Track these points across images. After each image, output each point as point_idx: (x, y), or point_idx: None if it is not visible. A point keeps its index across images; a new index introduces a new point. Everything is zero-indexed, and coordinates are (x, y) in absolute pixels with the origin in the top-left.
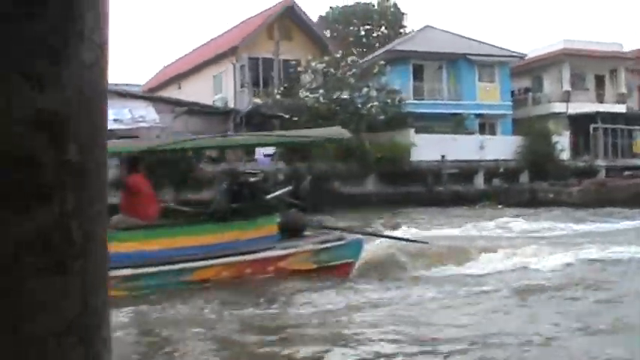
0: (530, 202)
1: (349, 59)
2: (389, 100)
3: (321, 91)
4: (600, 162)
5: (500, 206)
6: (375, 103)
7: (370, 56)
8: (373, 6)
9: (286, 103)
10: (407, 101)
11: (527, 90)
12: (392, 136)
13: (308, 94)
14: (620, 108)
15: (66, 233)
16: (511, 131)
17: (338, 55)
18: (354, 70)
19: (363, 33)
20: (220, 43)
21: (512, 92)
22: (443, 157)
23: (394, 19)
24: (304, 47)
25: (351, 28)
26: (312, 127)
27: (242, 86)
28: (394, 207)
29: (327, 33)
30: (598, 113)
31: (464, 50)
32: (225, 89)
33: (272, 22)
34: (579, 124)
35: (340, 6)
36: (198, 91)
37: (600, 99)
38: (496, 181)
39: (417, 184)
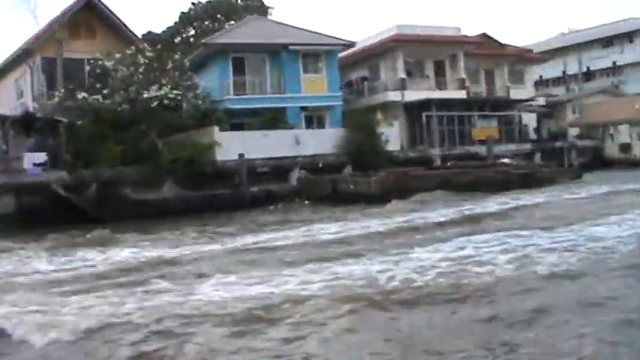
0: (332, 194)
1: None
2: (195, 97)
3: (105, 91)
4: (435, 151)
5: (307, 202)
6: (177, 98)
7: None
8: (237, 0)
9: (73, 105)
10: (226, 97)
11: (363, 79)
12: (195, 135)
13: (85, 94)
14: (461, 94)
15: None
16: (342, 123)
17: (130, 52)
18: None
19: (227, 27)
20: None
21: (350, 82)
22: (241, 155)
23: (260, 14)
24: (109, 44)
25: (216, 23)
26: (97, 130)
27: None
28: (196, 212)
29: (191, 30)
30: (431, 101)
31: (287, 40)
32: (25, 94)
33: (70, 19)
34: (415, 112)
35: (204, 1)
36: (4, 97)
37: (441, 86)
38: (302, 174)
39: (223, 186)
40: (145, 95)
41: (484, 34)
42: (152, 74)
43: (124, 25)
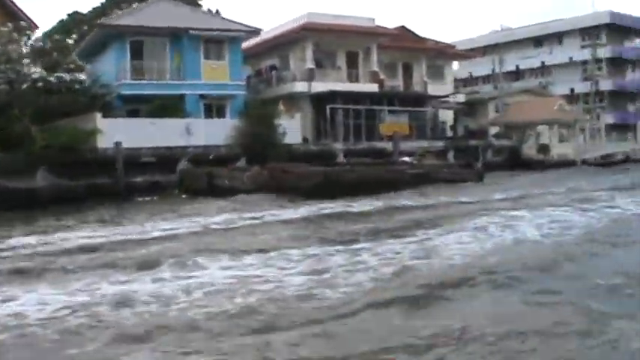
0: (208, 188)
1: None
2: (80, 82)
3: None
4: (339, 145)
5: (184, 195)
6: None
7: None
8: None
9: None
10: (122, 82)
11: (272, 68)
12: (78, 121)
13: None
14: (372, 87)
15: None
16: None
17: (6, 29)
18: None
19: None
20: None
21: (260, 71)
22: (118, 143)
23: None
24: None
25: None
26: None
27: None
28: (73, 203)
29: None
30: (336, 93)
31: (188, 24)
32: None
33: None
34: (322, 104)
35: None
36: None
37: (352, 78)
38: (184, 165)
39: (103, 175)
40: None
41: (402, 27)
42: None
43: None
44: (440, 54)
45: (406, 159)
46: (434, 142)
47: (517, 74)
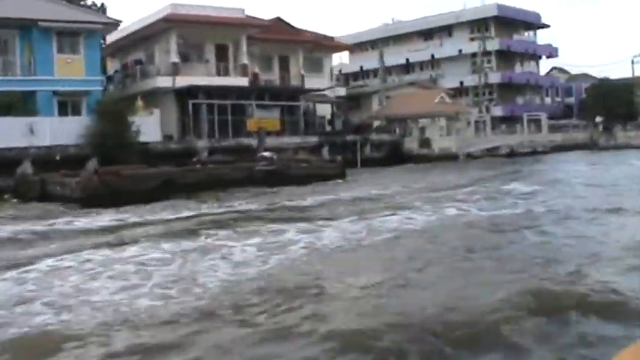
0: (41, 195)
1: None
2: None
3: None
4: (202, 142)
5: (15, 200)
6: None
7: None
8: None
9: None
10: None
11: (137, 62)
12: None
13: None
14: (243, 81)
15: None
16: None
17: None
18: None
19: None
20: None
21: (125, 65)
22: None
23: None
24: None
25: None
26: None
27: None
28: None
29: None
30: (199, 87)
31: (39, 15)
32: None
33: None
34: (186, 100)
35: None
36: None
37: (221, 72)
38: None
39: None
40: None
41: (278, 18)
42: None
43: None
44: (318, 46)
45: (266, 154)
46: (308, 138)
47: (407, 67)
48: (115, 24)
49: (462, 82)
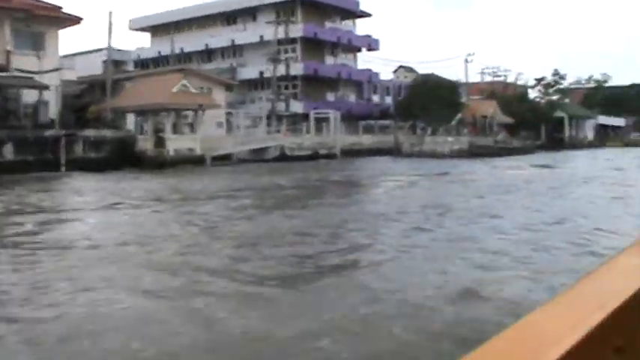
0: None
1: None
2: None
3: None
4: None
5: None
6: None
7: None
8: None
9: None
10: None
11: None
12: None
13: None
14: None
15: None
16: None
17: None
18: None
19: None
20: None
21: None
22: None
23: None
24: None
25: None
26: None
27: None
28: None
29: None
30: None
31: None
32: None
33: None
34: None
35: None
36: None
37: None
38: None
39: None
40: None
41: None
42: None
43: None
44: (35, 17)
45: None
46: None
47: (209, 54)
48: None
49: (261, 73)
